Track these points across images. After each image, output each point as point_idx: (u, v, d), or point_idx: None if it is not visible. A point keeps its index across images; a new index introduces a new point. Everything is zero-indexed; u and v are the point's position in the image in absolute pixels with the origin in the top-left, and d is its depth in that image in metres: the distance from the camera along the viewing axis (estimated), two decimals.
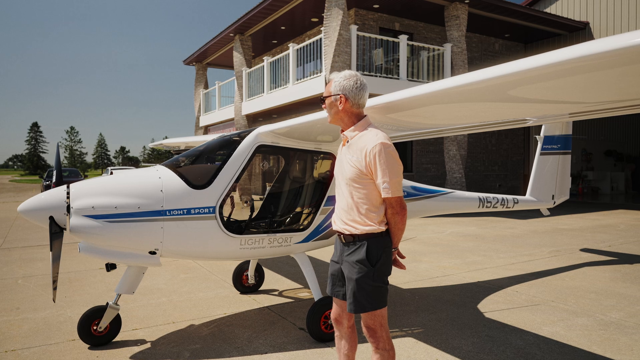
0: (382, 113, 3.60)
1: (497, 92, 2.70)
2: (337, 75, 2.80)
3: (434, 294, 5.70)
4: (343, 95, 2.73)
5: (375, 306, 2.67)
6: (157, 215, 3.82)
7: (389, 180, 2.57)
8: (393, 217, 2.65)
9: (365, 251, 2.64)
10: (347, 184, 2.71)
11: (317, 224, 4.47)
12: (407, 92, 3.03)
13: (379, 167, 2.56)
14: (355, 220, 2.68)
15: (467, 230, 11.32)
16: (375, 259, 2.65)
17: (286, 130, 4.17)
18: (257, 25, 19.36)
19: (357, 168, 2.64)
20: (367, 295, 2.65)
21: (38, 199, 3.72)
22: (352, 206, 2.70)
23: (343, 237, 2.77)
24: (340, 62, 13.93)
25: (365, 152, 2.60)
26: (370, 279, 2.64)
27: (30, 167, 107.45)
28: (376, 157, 2.56)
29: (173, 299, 5.51)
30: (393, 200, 2.61)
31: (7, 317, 4.89)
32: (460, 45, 16.41)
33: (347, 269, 2.72)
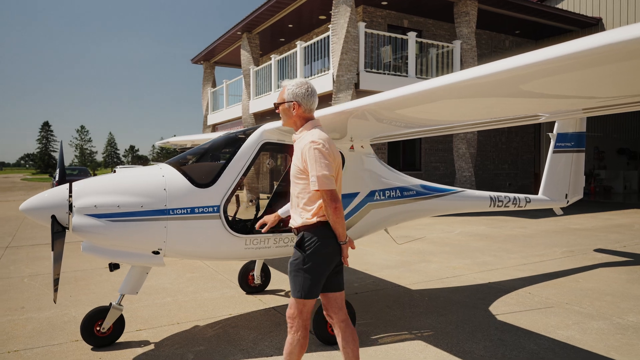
0: (390, 109, 3.50)
1: (509, 86, 2.59)
2: (289, 83, 2.99)
3: (444, 295, 5.58)
4: (296, 102, 2.95)
5: (297, 294, 2.84)
6: (160, 214, 3.74)
7: (317, 174, 2.74)
8: (325, 209, 2.82)
9: (299, 239, 2.87)
10: (291, 181, 2.96)
11: None
12: (416, 87, 2.93)
13: (309, 162, 2.77)
14: (296, 214, 2.94)
15: (476, 229, 11.16)
16: (305, 247, 2.83)
17: None
18: (265, 24, 19.27)
19: (296, 166, 2.88)
20: (297, 281, 2.84)
21: (40, 197, 3.66)
22: (294, 202, 2.95)
23: (293, 231, 3.00)
24: (348, 60, 13.80)
25: (302, 151, 2.83)
26: (300, 266, 2.83)
27: (42, 166, 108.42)
28: (307, 153, 2.78)
29: (178, 299, 5.43)
30: (323, 193, 2.77)
31: (12, 317, 4.84)
32: (470, 42, 16.20)
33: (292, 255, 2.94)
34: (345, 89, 13.78)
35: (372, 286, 6.03)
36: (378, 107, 3.41)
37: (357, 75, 14.04)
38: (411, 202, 5.17)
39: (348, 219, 4.53)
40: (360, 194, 4.61)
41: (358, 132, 4.43)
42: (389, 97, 3.17)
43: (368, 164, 4.78)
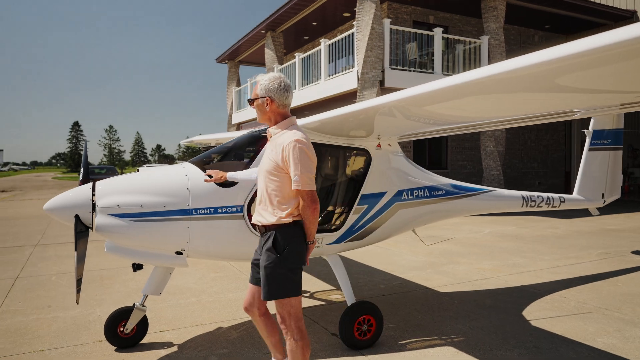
0: (419, 105, 3.34)
1: (543, 80, 2.42)
2: (263, 78, 2.94)
3: (474, 299, 5.38)
4: (269, 98, 2.89)
5: (282, 294, 2.80)
6: (183, 214, 3.67)
7: (299, 174, 2.71)
8: (304, 210, 2.79)
9: (273, 240, 2.80)
10: (264, 176, 2.88)
11: (350, 224, 4.23)
12: (445, 82, 2.77)
13: (291, 161, 2.72)
14: (267, 211, 2.86)
15: (506, 230, 10.84)
16: (282, 247, 2.79)
17: (317, 124, 3.95)
18: (289, 22, 19.22)
19: (274, 161, 2.80)
20: (275, 283, 2.79)
21: (64, 197, 3.63)
22: (265, 198, 2.87)
23: (258, 228, 2.93)
24: (373, 57, 13.60)
25: (282, 147, 2.76)
26: (277, 267, 2.78)
27: (72, 165, 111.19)
28: (290, 152, 2.72)
29: (202, 300, 5.38)
30: (304, 193, 2.75)
31: (38, 315, 4.86)
32: (498, 38, 15.79)
33: (262, 258, 2.86)
34: (370, 86, 13.59)
35: (399, 288, 5.86)
36: (406, 103, 3.26)
37: (382, 73, 13.83)
38: (440, 202, 4.99)
39: (375, 220, 4.39)
40: (387, 194, 4.46)
41: (385, 130, 4.28)
42: (418, 92, 3.01)
43: (395, 162, 4.63)
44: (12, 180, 50.67)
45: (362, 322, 3.91)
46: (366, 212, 4.32)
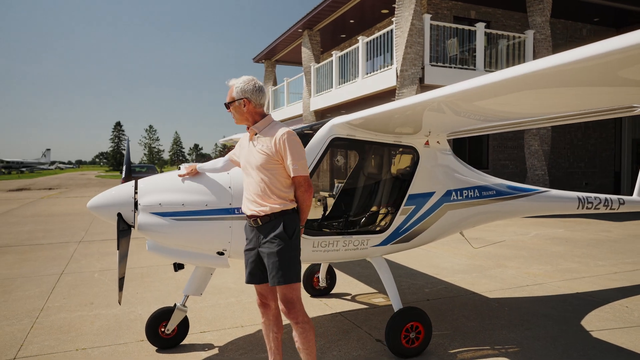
0: (469, 100, 3.12)
1: (604, 73, 2.18)
2: (237, 82, 3.05)
3: (526, 306, 5.06)
4: (245, 99, 3.00)
5: (295, 278, 2.90)
6: (225, 213, 3.56)
7: (297, 161, 2.88)
8: (302, 195, 2.95)
9: (282, 226, 2.90)
10: (258, 169, 2.95)
11: (397, 225, 4.03)
12: (498, 75, 2.55)
13: (288, 150, 2.87)
14: (269, 201, 2.92)
15: (554, 232, 10.34)
16: (291, 231, 2.92)
17: (363, 121, 3.76)
18: (326, 20, 19.07)
19: (266, 154, 2.90)
20: (288, 267, 2.88)
21: (106, 195, 3.59)
22: (264, 189, 2.93)
23: (260, 219, 2.95)
24: (413, 54, 13.27)
25: (275, 140, 2.89)
26: (288, 251, 2.89)
27: (114, 164, 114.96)
28: (285, 143, 2.87)
29: (242, 300, 5.29)
30: (302, 179, 2.92)
31: (81, 312, 4.88)
32: (544, 32, 15.14)
33: (267, 247, 2.92)
34: (410, 84, 13.27)
35: (445, 292, 5.61)
36: (457, 97, 3.04)
37: (421, 70, 13.48)
38: (491, 202, 4.72)
39: (423, 221, 4.17)
40: (436, 194, 4.23)
41: (434, 126, 4.04)
42: (469, 86, 2.79)
43: (444, 161, 4.39)
44: (58, 178, 52.74)
45: (410, 329, 3.70)
46: (414, 213, 4.11)
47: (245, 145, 3.16)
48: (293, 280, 2.90)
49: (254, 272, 3.08)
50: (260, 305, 3.20)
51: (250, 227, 3.08)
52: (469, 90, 2.82)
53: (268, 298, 3.15)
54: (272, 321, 3.21)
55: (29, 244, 9.05)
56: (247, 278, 3.13)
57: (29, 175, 64.16)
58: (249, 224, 3.08)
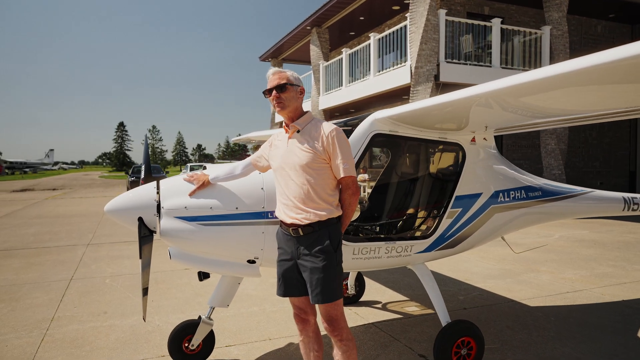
0: (515, 95, 2.82)
1: None
2: (285, 70, 2.80)
3: (573, 316, 4.70)
4: (302, 88, 2.80)
5: (339, 294, 2.64)
6: (257, 217, 3.20)
7: (347, 160, 2.61)
8: (350, 198, 2.67)
9: (329, 238, 2.62)
10: (301, 170, 2.63)
11: (442, 230, 3.67)
12: (555, 69, 2.31)
13: (338, 148, 2.60)
14: (314, 207, 2.61)
15: (579, 234, 9.95)
16: (337, 244, 2.65)
17: (407, 115, 3.40)
18: (335, 17, 18.71)
19: (312, 152, 2.61)
20: (333, 283, 2.60)
21: (125, 197, 3.24)
22: (308, 192, 2.62)
23: (302, 228, 2.63)
24: (428, 50, 12.90)
25: (322, 137, 2.62)
26: (333, 266, 2.62)
27: (117, 164, 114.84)
28: (334, 140, 2.60)
29: (266, 309, 4.94)
30: (350, 181, 2.64)
31: (95, 323, 4.54)
32: (561, 28, 14.74)
33: (309, 260, 2.63)
34: (425, 81, 12.90)
35: (481, 300, 5.24)
36: (502, 92, 2.74)
37: (437, 67, 13.11)
38: (537, 204, 4.36)
39: (469, 225, 3.81)
40: (483, 195, 3.87)
41: (481, 122, 3.69)
42: (520, 81, 2.52)
43: (491, 159, 4.03)
44: (62, 178, 52.54)
45: (462, 344, 3.35)
46: (460, 216, 3.75)
47: (280, 144, 2.84)
48: (337, 297, 2.64)
49: (291, 285, 2.78)
50: (298, 321, 2.89)
51: (286, 236, 2.76)
52: (521, 84, 2.56)
53: (308, 312, 2.86)
54: (312, 338, 2.92)
55: (35, 247, 8.72)
56: (283, 291, 2.81)
57: (33, 175, 64.00)
58: (285, 232, 2.76)
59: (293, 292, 2.78)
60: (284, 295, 2.81)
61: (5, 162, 72.27)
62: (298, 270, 2.72)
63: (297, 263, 2.71)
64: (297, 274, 2.73)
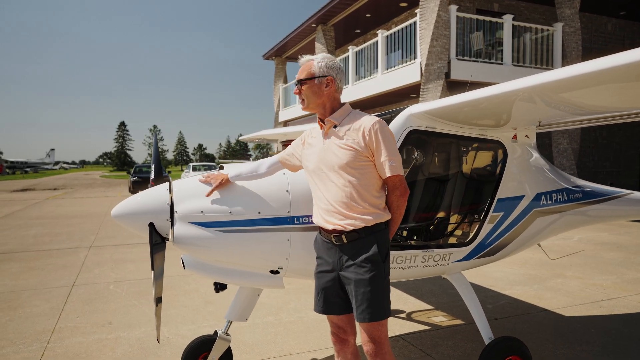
0: (555, 91, 2.57)
1: None
2: (316, 57, 2.46)
3: (615, 327, 4.36)
4: (330, 77, 2.40)
5: (387, 312, 2.33)
6: (282, 223, 2.87)
7: (394, 157, 2.29)
8: (398, 199, 2.35)
9: (376, 246, 2.31)
10: (341, 170, 2.32)
11: (483, 236, 3.34)
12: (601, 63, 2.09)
13: (382, 144, 2.28)
14: (359, 211, 2.30)
15: (598, 236, 9.61)
16: (385, 252, 2.35)
17: (447, 110, 3.05)
18: (341, 14, 18.38)
19: (353, 149, 2.30)
20: (381, 298, 2.30)
21: (134, 201, 2.89)
22: (352, 195, 2.31)
23: (345, 235, 2.32)
24: (439, 47, 12.56)
25: (363, 131, 2.30)
26: (382, 279, 2.32)
27: (118, 164, 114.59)
28: (378, 134, 2.28)
29: (282, 319, 4.61)
30: (397, 180, 2.32)
31: (99, 335, 4.21)
32: (574, 25, 14.42)
33: (354, 271, 2.32)
34: (435, 78, 12.56)
35: (512, 309, 4.91)
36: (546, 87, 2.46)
37: (447, 64, 12.77)
38: (578, 207, 4.03)
39: (511, 230, 3.48)
40: (525, 197, 3.54)
41: (523, 118, 3.35)
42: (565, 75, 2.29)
43: (533, 158, 3.70)
44: (63, 178, 52.24)
45: None
46: (502, 221, 3.41)
47: (315, 143, 2.52)
48: (386, 316, 2.33)
49: (332, 301, 2.46)
50: (336, 341, 2.58)
51: (326, 244, 2.45)
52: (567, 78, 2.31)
53: (347, 332, 2.54)
54: None
55: (35, 250, 8.39)
56: (322, 307, 2.50)
57: (33, 175, 63.72)
58: (326, 240, 2.44)
59: (334, 310, 2.47)
60: (324, 312, 2.50)
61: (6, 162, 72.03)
62: (340, 283, 2.42)
63: (340, 275, 2.40)
64: (338, 288, 2.43)
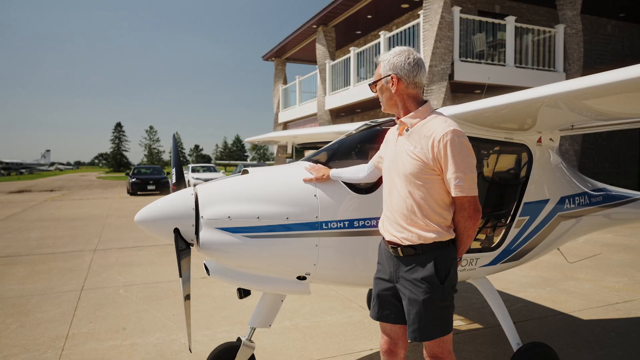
0: (577, 99, 2.55)
1: None
2: (386, 54, 2.35)
3: (634, 331, 4.34)
4: (395, 75, 2.27)
5: (445, 330, 2.24)
6: (310, 228, 2.83)
7: (463, 175, 2.11)
8: (465, 221, 2.18)
9: (433, 265, 2.19)
10: (405, 179, 2.23)
11: (510, 240, 3.31)
12: None
13: (450, 158, 2.10)
14: (418, 226, 2.20)
15: (603, 238, 9.60)
16: (444, 273, 2.21)
17: (474, 114, 3.02)
18: (342, 15, 18.35)
19: (420, 160, 2.17)
20: (435, 319, 2.20)
21: (159, 206, 2.83)
22: (412, 208, 2.21)
23: (401, 249, 2.25)
24: (442, 48, 12.55)
25: (433, 140, 2.13)
26: (440, 300, 2.20)
27: (114, 165, 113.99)
28: (447, 147, 2.10)
29: (298, 324, 4.56)
30: (466, 201, 2.15)
31: (114, 342, 4.15)
32: (575, 27, 14.44)
33: (409, 288, 2.24)
34: (439, 80, 12.56)
35: (528, 313, 4.88)
36: (570, 96, 2.48)
37: (451, 65, 12.76)
38: (599, 210, 4.02)
39: (536, 234, 3.45)
40: (550, 201, 3.51)
41: (548, 122, 3.32)
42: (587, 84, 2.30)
43: (556, 162, 3.68)
44: (59, 179, 51.92)
45: None
46: (527, 225, 3.39)
47: (390, 144, 2.44)
48: (442, 334, 2.24)
49: (387, 309, 2.41)
50: (386, 351, 2.51)
51: (386, 252, 2.41)
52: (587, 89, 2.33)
53: (398, 345, 2.47)
54: None
55: (39, 253, 8.30)
56: (377, 314, 2.45)
57: (29, 176, 63.32)
58: (387, 248, 2.39)
59: (388, 317, 2.41)
60: (379, 319, 2.45)
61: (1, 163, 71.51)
62: (396, 294, 2.37)
63: (396, 287, 2.35)
64: (394, 298, 2.38)
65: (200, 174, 25.57)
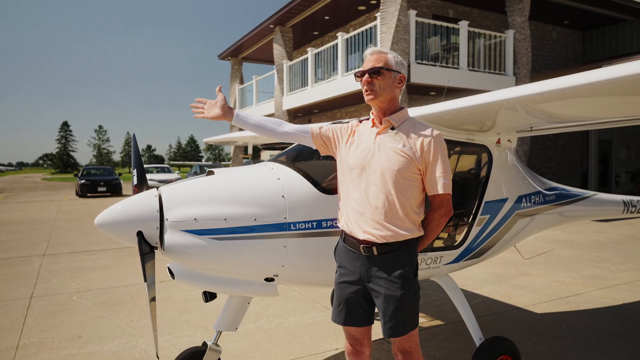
0: (533, 102, 2.64)
1: None
2: (388, 51, 2.37)
3: (583, 322, 4.58)
4: (404, 75, 2.38)
5: (415, 324, 2.33)
6: (278, 229, 2.80)
7: (448, 175, 2.25)
8: (440, 219, 2.31)
9: (409, 261, 2.28)
10: (390, 176, 2.23)
11: (472, 238, 3.41)
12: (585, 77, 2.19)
13: (440, 158, 2.24)
14: (397, 224, 2.23)
15: (552, 235, 10.08)
16: (416, 268, 2.34)
17: (437, 115, 3.08)
18: (299, 16, 18.35)
19: (408, 158, 2.23)
20: (410, 313, 2.28)
21: (121, 208, 2.72)
22: (394, 205, 2.23)
23: (377, 247, 2.24)
24: (399, 51, 12.76)
25: (423, 141, 2.25)
26: (413, 293, 2.29)
27: (61, 166, 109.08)
28: (437, 148, 2.25)
29: (263, 326, 4.51)
30: (445, 199, 2.28)
31: (69, 350, 3.97)
32: (524, 32, 15.06)
33: (384, 286, 2.25)
34: None
35: (486, 308, 5.05)
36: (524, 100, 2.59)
37: (407, 67, 13.02)
38: (552, 208, 4.20)
39: (496, 232, 3.57)
40: (509, 200, 3.64)
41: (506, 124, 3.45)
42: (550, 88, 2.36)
43: (514, 162, 3.82)
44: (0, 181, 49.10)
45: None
46: (488, 224, 3.50)
47: (364, 140, 2.39)
48: (413, 328, 2.31)
49: (356, 312, 2.39)
50: (351, 353, 2.49)
51: (352, 253, 2.37)
52: (549, 92, 2.39)
53: (363, 344, 2.47)
54: None
55: None
56: (344, 319, 2.40)
57: None
58: (352, 249, 2.36)
59: (355, 321, 2.39)
60: (346, 324, 2.42)
61: None
62: (365, 295, 2.35)
63: (367, 287, 2.33)
64: (362, 300, 2.37)
65: (154, 174, 24.88)
